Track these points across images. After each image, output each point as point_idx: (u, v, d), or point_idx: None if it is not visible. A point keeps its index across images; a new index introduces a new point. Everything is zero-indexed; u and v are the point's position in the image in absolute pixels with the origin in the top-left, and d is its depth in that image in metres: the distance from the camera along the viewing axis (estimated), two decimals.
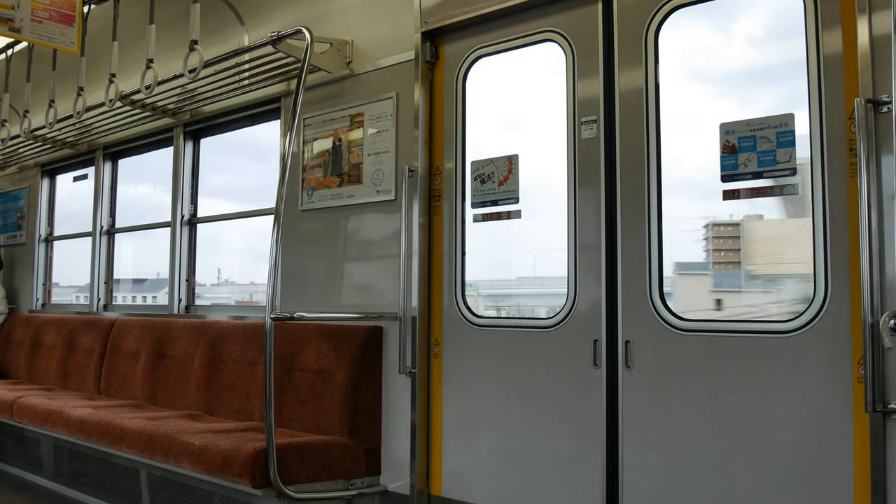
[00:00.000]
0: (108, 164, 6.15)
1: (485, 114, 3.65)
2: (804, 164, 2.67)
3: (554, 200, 3.29)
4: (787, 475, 2.62)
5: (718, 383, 2.79)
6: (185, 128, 5.29)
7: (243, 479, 3.23)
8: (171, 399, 4.70)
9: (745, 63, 2.96)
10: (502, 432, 3.37)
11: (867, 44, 2.52)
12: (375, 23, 4.05)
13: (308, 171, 4.27)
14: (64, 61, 5.08)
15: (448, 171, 3.67)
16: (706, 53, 3.05)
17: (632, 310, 3.01)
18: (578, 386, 3.13)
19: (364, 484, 3.68)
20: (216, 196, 5.42)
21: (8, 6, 4.18)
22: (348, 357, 3.77)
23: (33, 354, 6.13)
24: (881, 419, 2.42)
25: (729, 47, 2.99)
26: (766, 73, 2.92)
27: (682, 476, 2.85)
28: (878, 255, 2.45)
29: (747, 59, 2.95)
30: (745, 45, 2.95)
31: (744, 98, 2.92)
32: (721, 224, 3.01)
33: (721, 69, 3.02)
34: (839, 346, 2.55)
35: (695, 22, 3.00)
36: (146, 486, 4.07)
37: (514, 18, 3.48)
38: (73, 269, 6.35)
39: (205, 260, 5.42)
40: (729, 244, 3.04)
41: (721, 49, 3.01)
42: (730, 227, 3.00)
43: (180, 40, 4.19)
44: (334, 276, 4.13)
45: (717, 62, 3.03)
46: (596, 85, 3.19)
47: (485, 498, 3.41)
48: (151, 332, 5.04)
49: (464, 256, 3.60)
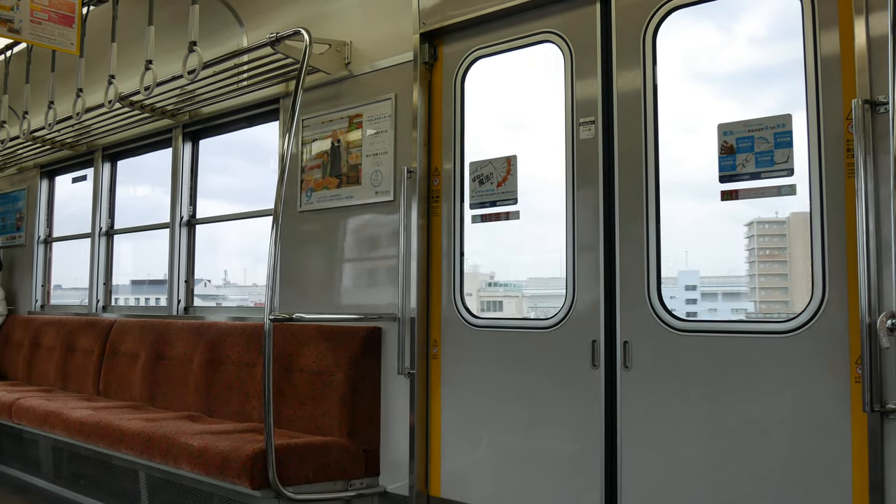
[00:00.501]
0: (107, 165, 6.15)
1: (483, 115, 3.66)
2: (802, 165, 2.68)
3: (552, 201, 3.29)
4: (786, 475, 2.62)
5: (717, 383, 2.79)
6: (183, 129, 5.29)
7: (242, 481, 3.23)
8: (170, 400, 4.70)
9: (743, 64, 2.96)
10: (501, 433, 3.37)
11: (864, 45, 2.52)
12: (374, 24, 4.05)
13: (307, 172, 4.27)
14: (63, 62, 5.08)
15: (447, 171, 3.67)
16: (704, 54, 3.06)
17: (630, 310, 3.02)
18: (577, 386, 3.13)
19: (363, 485, 3.68)
20: (215, 197, 5.43)
21: (7, 7, 4.17)
22: (347, 358, 3.77)
23: (32, 356, 6.13)
24: (879, 419, 2.43)
25: (727, 48, 2.99)
26: (763, 74, 2.92)
27: (680, 476, 2.85)
28: (876, 256, 2.45)
29: (745, 60, 2.95)
30: (742, 45, 2.96)
31: (742, 99, 2.92)
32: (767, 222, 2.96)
33: (719, 70, 3.02)
34: (837, 346, 2.56)
35: (693, 23, 3.01)
36: (145, 488, 4.07)
37: (513, 20, 3.48)
38: (78, 271, 6.34)
39: (212, 262, 5.42)
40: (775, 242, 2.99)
41: (719, 50, 3.01)
42: (775, 226, 2.94)
43: (179, 41, 4.19)
44: (333, 277, 4.13)
45: (715, 63, 3.03)
46: (594, 86, 3.19)
47: (484, 498, 3.41)
48: (150, 333, 5.04)
49: (462, 257, 3.60)
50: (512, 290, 3.73)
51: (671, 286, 2.99)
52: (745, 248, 3.13)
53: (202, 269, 5.40)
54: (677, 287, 3.03)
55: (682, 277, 3.06)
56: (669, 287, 2.98)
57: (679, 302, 2.99)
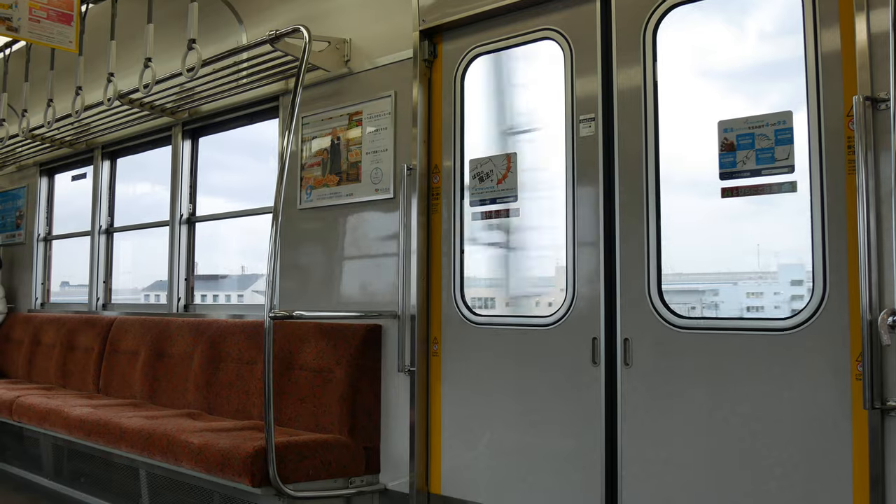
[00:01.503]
0: (106, 162, 6.15)
1: (483, 112, 3.65)
2: (802, 162, 2.67)
3: (553, 198, 3.29)
4: (786, 472, 2.62)
5: (717, 381, 2.79)
6: (183, 126, 5.29)
7: (243, 478, 3.23)
8: (170, 398, 4.71)
9: (743, 60, 2.96)
10: (501, 430, 3.37)
11: (865, 41, 2.52)
12: (373, 21, 4.05)
13: (306, 170, 4.27)
14: (62, 60, 5.08)
15: (447, 169, 3.67)
16: (705, 51, 3.05)
17: (630, 308, 3.01)
18: (577, 384, 3.13)
19: (363, 482, 3.68)
20: (213, 194, 5.41)
21: (6, 5, 4.17)
22: (347, 355, 3.77)
23: (32, 354, 6.13)
24: (879, 416, 2.42)
25: (727, 45, 2.98)
26: (764, 71, 2.91)
27: (681, 473, 2.85)
28: (877, 252, 2.45)
29: (746, 57, 2.95)
30: (743, 42, 2.95)
31: (742, 95, 2.91)
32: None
33: (720, 67, 3.01)
34: (838, 343, 2.55)
35: (693, 20, 3.00)
36: (145, 485, 4.07)
37: (513, 16, 3.47)
38: (85, 269, 6.31)
39: (224, 258, 5.41)
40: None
41: (720, 46, 3.01)
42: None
43: (178, 39, 4.18)
44: (333, 274, 4.13)
45: (715, 59, 3.02)
46: (594, 83, 3.19)
47: (484, 495, 3.41)
48: (150, 331, 5.04)
49: (462, 254, 3.60)
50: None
51: (771, 282, 2.90)
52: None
53: (202, 268, 5.39)
54: (779, 282, 2.93)
55: (782, 272, 2.95)
56: (769, 283, 2.89)
57: (783, 298, 2.91)
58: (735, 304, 3.07)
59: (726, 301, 3.10)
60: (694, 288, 3.16)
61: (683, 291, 3.10)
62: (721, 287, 3.13)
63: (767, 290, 2.96)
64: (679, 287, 3.07)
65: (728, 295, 3.11)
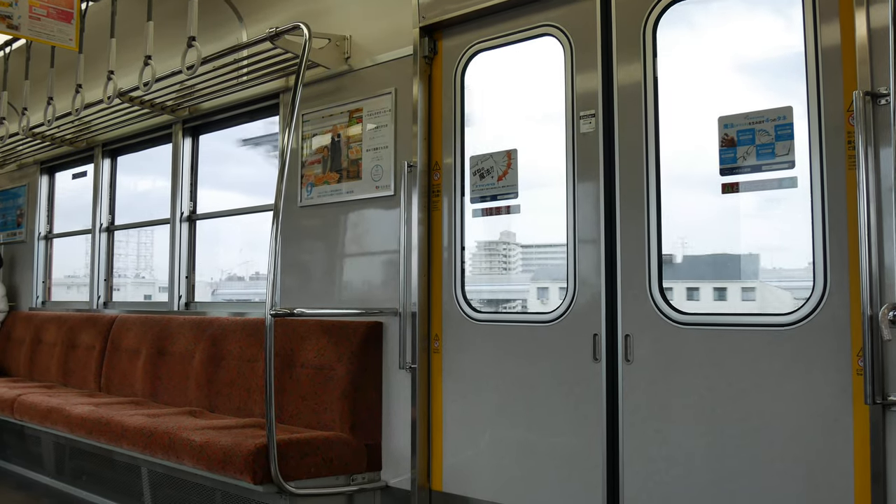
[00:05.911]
0: (107, 160, 6.15)
1: (483, 108, 3.65)
2: (803, 157, 2.67)
3: (553, 194, 3.29)
4: (787, 467, 2.63)
5: (718, 376, 2.79)
6: (183, 124, 5.29)
7: (244, 476, 3.24)
8: (171, 396, 4.71)
9: (743, 56, 2.95)
10: (503, 427, 3.37)
11: (865, 36, 2.52)
12: (373, 18, 4.04)
13: (307, 167, 4.27)
14: (62, 58, 5.08)
15: (447, 166, 3.67)
16: (705, 47, 3.05)
17: (631, 303, 3.02)
18: (578, 380, 3.13)
19: (365, 479, 3.68)
20: (228, 188, 5.39)
21: (6, 3, 4.17)
22: (348, 353, 3.77)
23: (34, 352, 6.13)
24: (881, 411, 2.43)
25: (727, 40, 2.98)
26: (764, 66, 2.91)
27: (682, 469, 2.86)
28: (877, 247, 2.45)
29: (746, 52, 2.95)
30: (743, 37, 2.95)
31: (742, 91, 2.91)
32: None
33: (720, 62, 3.01)
34: (838, 338, 2.56)
35: (693, 15, 3.00)
36: (147, 483, 4.08)
37: (513, 13, 3.47)
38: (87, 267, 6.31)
39: (229, 256, 5.39)
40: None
41: (720, 42, 3.00)
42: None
43: (178, 37, 4.18)
44: (334, 271, 4.13)
45: (716, 55, 3.02)
46: (594, 79, 3.19)
47: (486, 492, 3.41)
48: (151, 329, 5.04)
49: (463, 251, 3.60)
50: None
51: (770, 278, 2.87)
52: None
53: (203, 266, 5.39)
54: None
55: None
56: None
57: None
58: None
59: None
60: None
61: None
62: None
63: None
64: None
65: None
